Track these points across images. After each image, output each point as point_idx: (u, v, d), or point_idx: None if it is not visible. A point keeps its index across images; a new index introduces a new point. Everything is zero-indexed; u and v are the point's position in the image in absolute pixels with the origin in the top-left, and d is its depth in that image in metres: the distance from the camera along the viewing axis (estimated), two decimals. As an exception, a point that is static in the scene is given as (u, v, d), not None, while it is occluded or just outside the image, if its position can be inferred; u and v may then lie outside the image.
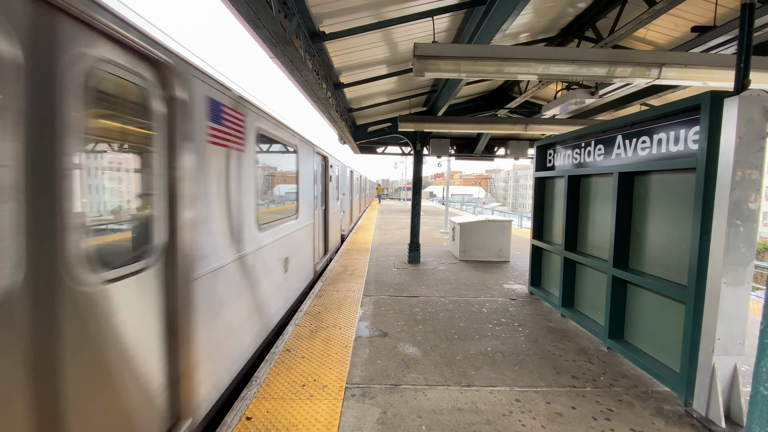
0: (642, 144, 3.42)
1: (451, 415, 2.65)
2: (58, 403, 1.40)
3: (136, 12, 1.80)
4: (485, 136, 10.03)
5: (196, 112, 2.31)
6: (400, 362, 3.42)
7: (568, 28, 5.03)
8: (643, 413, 2.73)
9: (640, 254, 3.53)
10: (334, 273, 6.74)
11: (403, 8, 3.88)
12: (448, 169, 14.73)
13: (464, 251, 8.21)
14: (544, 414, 2.69)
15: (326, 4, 3.54)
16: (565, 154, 4.88)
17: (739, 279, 2.51)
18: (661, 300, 3.24)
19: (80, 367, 1.50)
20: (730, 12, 4.03)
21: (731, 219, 2.48)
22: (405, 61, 5.34)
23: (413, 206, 8.20)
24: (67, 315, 1.44)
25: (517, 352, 3.68)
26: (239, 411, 2.64)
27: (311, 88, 4.39)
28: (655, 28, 4.72)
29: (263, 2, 2.49)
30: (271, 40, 2.98)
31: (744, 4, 2.68)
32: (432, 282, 6.27)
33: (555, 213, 5.27)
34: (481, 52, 3.48)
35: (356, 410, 2.69)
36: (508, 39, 5.16)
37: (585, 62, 3.57)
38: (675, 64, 3.63)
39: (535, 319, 4.64)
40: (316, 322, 4.30)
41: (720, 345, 2.55)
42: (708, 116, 2.63)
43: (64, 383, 1.42)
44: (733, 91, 2.59)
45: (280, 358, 3.42)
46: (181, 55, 2.15)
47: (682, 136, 2.96)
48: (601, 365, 3.45)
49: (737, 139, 2.44)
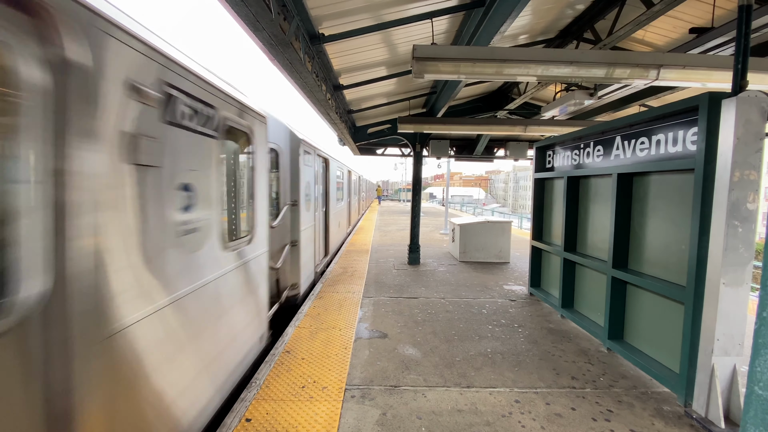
0: (641, 145, 3.42)
1: (450, 417, 2.65)
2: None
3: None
4: (485, 138, 10.05)
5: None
6: (399, 363, 3.42)
7: (566, 29, 5.05)
8: (643, 414, 2.73)
9: (640, 255, 3.54)
10: (334, 274, 6.74)
11: (402, 10, 3.89)
12: (447, 171, 14.75)
13: (464, 252, 8.21)
14: (543, 415, 2.69)
15: (325, 7, 3.56)
16: (564, 155, 4.89)
17: (738, 279, 2.52)
18: (661, 301, 3.24)
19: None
20: (728, 13, 4.04)
21: (730, 219, 2.49)
22: (404, 63, 5.36)
23: (413, 207, 8.22)
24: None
25: (516, 353, 3.68)
26: (239, 413, 2.64)
27: (311, 90, 4.40)
28: (653, 29, 4.73)
29: (262, 5, 2.50)
30: (270, 42, 3.00)
31: (741, 6, 2.69)
32: (432, 283, 6.27)
33: (554, 214, 5.28)
34: (480, 54, 3.49)
35: (356, 412, 2.69)
36: (507, 41, 5.18)
37: (584, 64, 3.58)
38: (673, 66, 3.64)
39: (535, 320, 4.64)
40: (316, 324, 4.30)
41: (719, 345, 2.55)
42: (706, 117, 2.64)
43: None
44: (731, 92, 2.60)
45: (280, 360, 3.42)
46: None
47: (681, 137, 2.97)
48: (600, 366, 3.45)
49: (735, 139, 2.45)
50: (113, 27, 1.57)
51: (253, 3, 2.42)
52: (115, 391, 1.62)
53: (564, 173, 4.73)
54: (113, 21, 1.57)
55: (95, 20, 1.48)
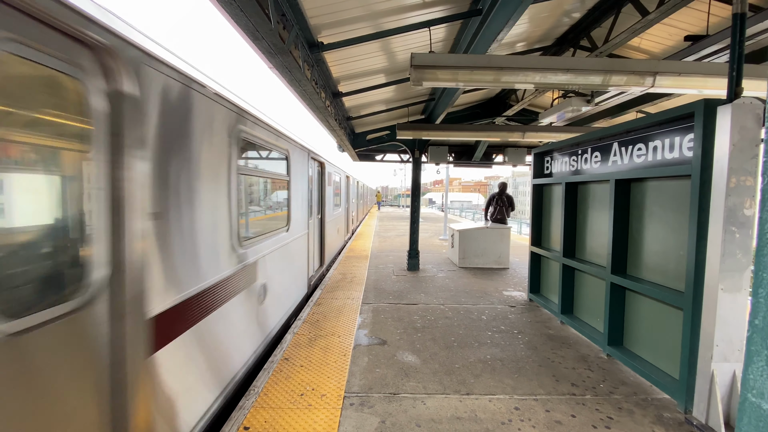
0: (638, 151, 3.44)
1: (450, 424, 2.64)
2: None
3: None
4: (483, 144, 10.10)
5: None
6: (399, 370, 3.41)
7: (563, 37, 5.11)
8: (643, 421, 2.72)
9: (638, 261, 3.54)
10: (333, 280, 6.73)
11: (400, 19, 3.93)
12: (446, 176, 14.78)
13: (463, 258, 8.21)
14: (543, 422, 2.68)
15: (324, 16, 3.60)
16: (562, 161, 4.91)
17: (736, 285, 2.52)
18: (660, 306, 3.24)
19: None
20: (723, 21, 4.09)
21: (727, 225, 2.50)
22: (403, 71, 5.40)
23: (412, 213, 8.22)
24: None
25: (516, 360, 3.67)
26: (237, 421, 2.62)
27: (310, 97, 4.43)
28: (649, 37, 4.79)
29: (262, 15, 2.53)
30: (269, 51, 3.02)
31: (736, 14, 2.73)
32: (431, 289, 6.26)
33: (553, 220, 5.28)
34: (477, 62, 3.53)
35: (355, 419, 2.67)
36: (505, 48, 5.23)
37: (580, 71, 3.61)
38: (669, 73, 3.67)
39: (535, 326, 4.63)
40: (315, 330, 4.29)
41: (718, 351, 2.55)
42: (702, 124, 2.66)
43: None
44: (726, 99, 2.62)
45: (279, 367, 3.40)
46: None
47: (677, 143, 2.99)
48: (600, 372, 3.44)
49: (731, 146, 2.47)
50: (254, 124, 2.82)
51: (252, 13, 2.45)
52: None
53: (562, 179, 4.75)
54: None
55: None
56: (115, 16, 1.66)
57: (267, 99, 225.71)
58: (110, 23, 1.60)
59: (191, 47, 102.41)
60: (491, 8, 3.29)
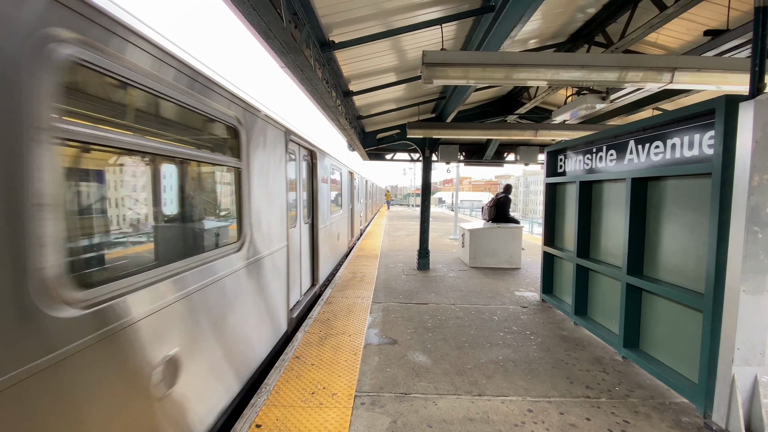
0: (655, 149, 3.36)
1: (462, 425, 2.61)
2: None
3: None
4: (494, 142, 9.99)
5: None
6: (409, 370, 3.40)
7: (577, 33, 5.01)
8: (661, 425, 2.65)
9: (655, 261, 3.46)
10: (343, 280, 6.74)
11: (411, 17, 3.91)
12: (457, 175, 14.69)
13: (474, 258, 8.15)
14: (557, 425, 2.64)
15: (336, 14, 3.59)
16: (576, 159, 4.83)
17: (759, 287, 2.44)
18: (678, 308, 3.16)
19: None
20: (744, 15, 3.97)
21: (749, 225, 2.42)
22: (414, 69, 5.37)
23: (422, 212, 8.19)
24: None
25: (529, 361, 3.62)
26: (249, 418, 2.64)
27: (321, 96, 4.43)
28: (666, 32, 4.67)
29: (274, 14, 2.54)
30: (281, 50, 3.03)
31: (758, 8, 2.63)
32: (442, 289, 6.22)
33: (566, 219, 5.20)
34: (489, 59, 3.48)
35: (366, 419, 2.67)
36: (517, 45, 5.16)
37: (595, 67, 3.54)
38: (688, 69, 3.58)
39: (547, 327, 4.56)
40: (326, 329, 4.30)
41: (740, 355, 2.47)
42: (723, 120, 2.58)
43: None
44: (749, 94, 2.54)
45: (290, 366, 3.42)
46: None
47: (697, 140, 2.91)
48: (616, 375, 3.37)
49: (753, 143, 2.39)
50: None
51: (265, 12, 2.46)
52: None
53: (576, 178, 4.67)
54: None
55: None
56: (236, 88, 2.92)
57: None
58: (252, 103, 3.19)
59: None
60: (504, 4, 3.24)
